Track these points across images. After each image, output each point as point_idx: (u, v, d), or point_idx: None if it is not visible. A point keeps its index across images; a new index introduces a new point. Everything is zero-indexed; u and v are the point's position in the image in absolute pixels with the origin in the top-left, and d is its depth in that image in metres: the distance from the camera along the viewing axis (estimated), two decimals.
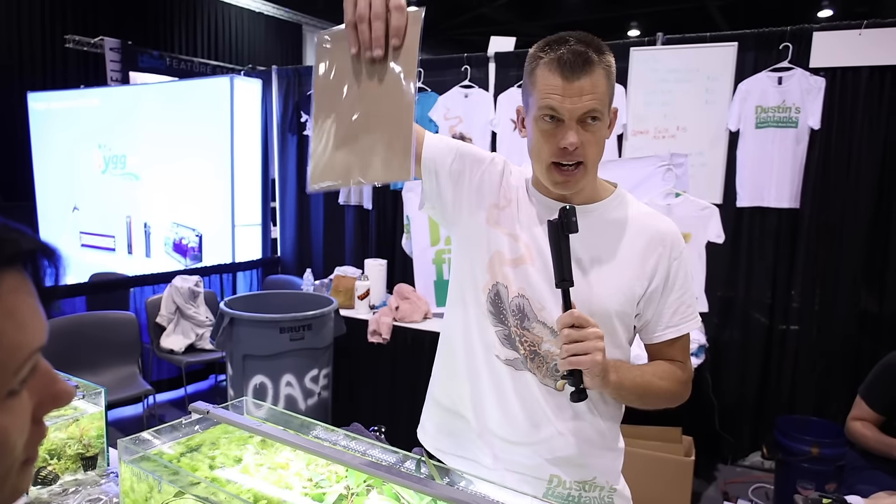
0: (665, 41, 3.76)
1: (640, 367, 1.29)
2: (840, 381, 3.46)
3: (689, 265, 1.30)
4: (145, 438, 1.26)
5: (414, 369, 3.60)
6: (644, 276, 1.26)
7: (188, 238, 5.14)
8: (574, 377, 1.14)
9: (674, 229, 1.29)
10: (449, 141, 1.33)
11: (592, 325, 1.13)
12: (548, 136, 1.17)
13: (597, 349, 1.12)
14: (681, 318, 1.29)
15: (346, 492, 1.18)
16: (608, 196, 1.30)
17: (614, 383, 1.18)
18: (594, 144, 1.18)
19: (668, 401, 1.30)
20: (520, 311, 1.26)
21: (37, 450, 0.53)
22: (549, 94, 1.14)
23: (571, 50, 1.12)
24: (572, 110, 1.14)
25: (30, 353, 0.49)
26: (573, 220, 1.12)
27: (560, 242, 1.13)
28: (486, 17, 8.84)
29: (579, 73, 1.12)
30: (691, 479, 2.86)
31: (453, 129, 4.26)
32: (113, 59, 7.18)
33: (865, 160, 3.40)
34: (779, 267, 3.63)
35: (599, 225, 1.27)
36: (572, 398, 1.14)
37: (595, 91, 1.13)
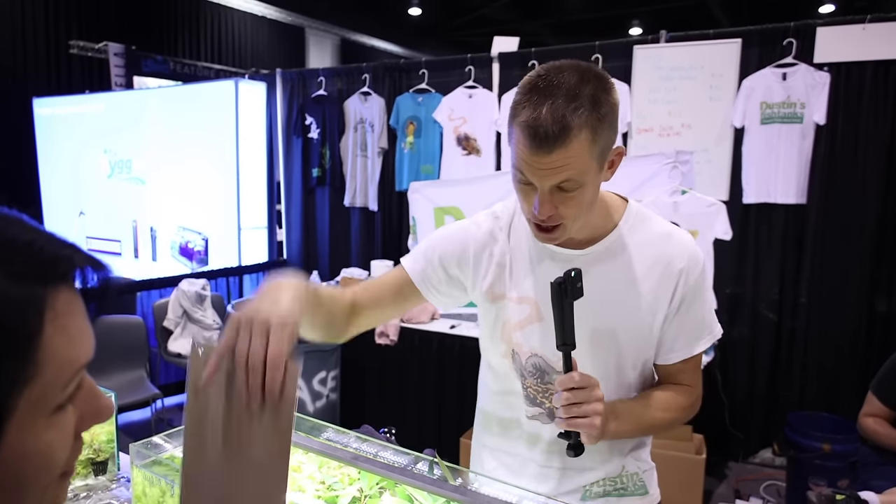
0: (669, 39, 3.75)
1: (642, 403, 1.25)
2: (850, 376, 3.44)
3: (705, 287, 1.23)
4: (157, 443, 1.27)
5: (422, 370, 3.61)
6: (661, 308, 1.21)
7: (194, 241, 5.16)
8: (571, 436, 1.13)
9: (690, 250, 1.21)
10: (428, 253, 1.30)
11: (593, 386, 1.10)
12: (524, 194, 1.11)
13: (596, 413, 1.09)
14: (686, 343, 1.24)
15: (360, 494, 1.18)
16: (617, 223, 1.22)
17: (612, 433, 1.16)
18: (574, 206, 1.09)
19: (668, 430, 1.31)
20: (537, 370, 1.24)
21: (74, 464, 0.53)
22: (520, 158, 1.07)
23: (550, 114, 1.01)
24: (542, 182, 1.06)
25: (78, 369, 0.50)
26: (579, 287, 1.06)
27: (563, 306, 1.07)
28: (487, 17, 8.84)
29: (552, 145, 1.02)
30: (703, 478, 2.86)
31: (458, 129, 4.26)
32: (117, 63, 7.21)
33: (872, 154, 3.39)
34: (787, 263, 3.62)
35: (610, 263, 1.21)
36: (569, 454, 1.12)
37: (569, 163, 1.03)
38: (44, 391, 0.47)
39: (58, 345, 0.48)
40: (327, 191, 4.96)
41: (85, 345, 0.51)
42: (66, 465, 0.52)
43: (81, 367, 0.50)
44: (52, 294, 0.48)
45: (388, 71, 4.61)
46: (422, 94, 4.42)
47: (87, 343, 0.51)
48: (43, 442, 0.48)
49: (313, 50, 9.12)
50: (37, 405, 0.47)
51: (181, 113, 5.23)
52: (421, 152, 4.42)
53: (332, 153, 4.82)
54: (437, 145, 4.38)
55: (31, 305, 0.46)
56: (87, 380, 0.53)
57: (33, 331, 0.46)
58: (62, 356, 0.48)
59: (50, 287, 0.48)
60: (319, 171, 4.89)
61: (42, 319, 0.47)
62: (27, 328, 0.46)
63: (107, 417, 0.55)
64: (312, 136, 4.87)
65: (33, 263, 0.47)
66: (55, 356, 0.47)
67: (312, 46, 9.07)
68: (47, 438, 0.48)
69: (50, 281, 0.48)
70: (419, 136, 4.41)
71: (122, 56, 7.18)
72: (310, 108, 4.87)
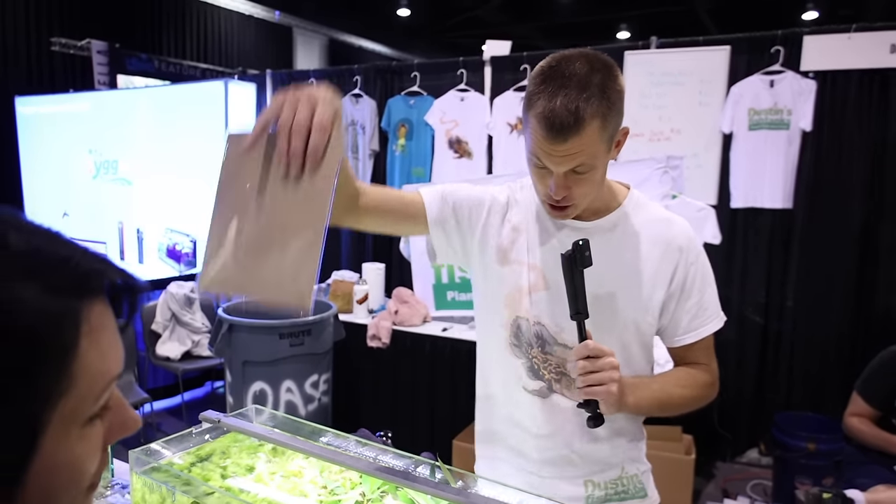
0: (659, 45, 3.80)
1: (660, 379, 1.30)
2: (835, 377, 3.51)
3: (706, 267, 1.30)
4: (155, 449, 1.26)
5: (415, 373, 3.61)
6: (662, 286, 1.27)
7: (182, 244, 5.12)
8: (590, 405, 1.16)
9: (688, 234, 1.29)
10: (445, 194, 1.33)
11: (608, 355, 1.14)
12: (538, 177, 1.19)
13: (612, 380, 1.13)
14: (700, 322, 1.29)
15: (362, 498, 1.19)
16: (621, 203, 1.30)
17: (632, 405, 1.21)
18: (585, 187, 1.17)
19: (692, 406, 1.32)
20: (539, 339, 1.28)
21: (100, 476, 0.54)
22: (537, 146, 1.14)
23: (563, 105, 1.07)
24: (558, 166, 1.13)
25: (109, 381, 0.51)
26: (587, 255, 1.12)
27: (574, 276, 1.13)
28: (478, 19, 8.85)
29: (567, 134, 1.08)
30: (692, 478, 2.90)
31: (449, 132, 4.27)
32: (100, 62, 7.11)
33: (857, 161, 3.46)
34: (773, 266, 3.69)
35: (614, 238, 1.27)
36: (589, 424, 1.16)
37: (583, 149, 1.11)
38: (77, 404, 0.48)
39: (92, 358, 0.48)
40: None
41: (116, 357, 0.51)
42: (94, 478, 0.53)
43: (113, 379, 0.51)
44: (87, 307, 0.49)
45: (379, 73, 4.60)
46: (413, 97, 4.42)
47: (118, 356, 0.52)
48: (74, 455, 0.49)
49: (301, 50, 9.06)
50: (70, 418, 0.48)
51: (169, 113, 5.17)
52: (412, 155, 4.42)
53: None
54: (429, 148, 4.38)
55: (67, 319, 0.47)
56: (116, 392, 0.54)
57: (69, 344, 0.47)
58: (95, 369, 0.49)
59: (85, 300, 0.49)
60: None
61: (78, 332, 0.48)
62: (63, 341, 0.47)
63: (134, 429, 0.56)
64: None
65: (70, 278, 0.48)
66: (89, 369, 0.48)
67: (300, 47, 9.02)
68: (78, 451, 0.49)
69: (85, 294, 0.49)
70: (410, 139, 4.41)
71: (105, 54, 7.09)
72: None
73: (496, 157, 4.18)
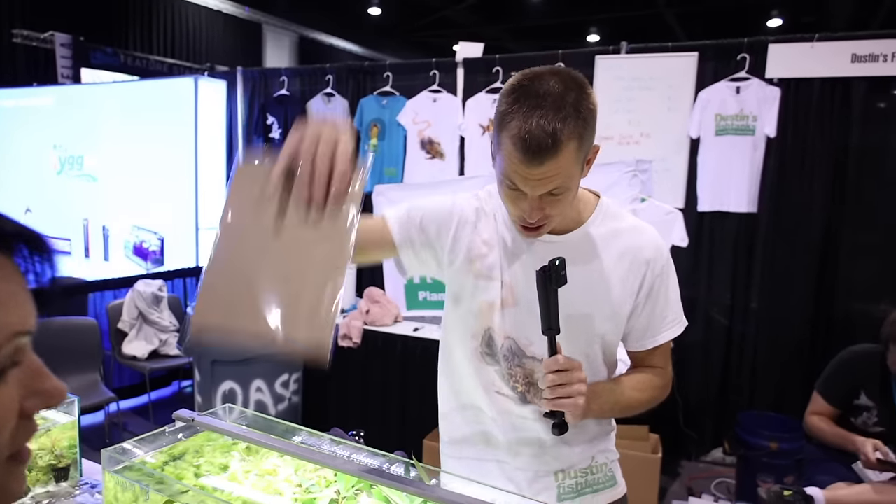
0: (629, 50, 3.86)
1: (619, 384, 1.33)
2: (797, 378, 3.58)
3: (672, 275, 1.32)
4: (127, 448, 1.25)
5: (385, 373, 3.61)
6: (629, 299, 1.28)
7: (149, 241, 5.04)
8: (556, 415, 1.18)
9: (657, 243, 1.30)
10: (410, 212, 1.30)
11: (576, 368, 1.16)
12: (511, 199, 1.16)
13: (580, 393, 1.15)
14: (662, 328, 1.31)
15: (337, 496, 1.19)
16: (591, 214, 1.29)
17: (595, 412, 1.24)
18: (559, 206, 1.15)
19: (646, 407, 1.35)
20: (510, 353, 1.29)
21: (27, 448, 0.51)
22: (511, 169, 1.10)
23: (539, 126, 1.04)
24: (534, 190, 1.11)
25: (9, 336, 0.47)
26: (563, 274, 1.12)
27: (549, 293, 1.13)
28: (449, 19, 8.86)
29: (543, 157, 1.05)
30: (658, 476, 2.95)
31: (422, 133, 4.29)
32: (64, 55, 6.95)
33: (819, 166, 3.55)
34: (738, 269, 3.76)
35: (584, 250, 1.28)
36: (554, 432, 1.18)
37: (559, 171, 1.08)
38: None
39: None
40: None
41: (18, 312, 0.48)
42: (14, 445, 0.49)
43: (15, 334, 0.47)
44: None
45: (351, 73, 4.60)
46: (386, 97, 4.43)
47: (23, 312, 0.48)
48: None
49: (270, 47, 8.98)
50: None
51: (137, 109, 5.10)
52: (384, 155, 4.42)
53: None
54: (401, 148, 4.39)
55: None
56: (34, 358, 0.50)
57: None
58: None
59: None
60: None
61: None
62: None
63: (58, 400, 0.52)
64: (274, 136, 4.82)
65: None
66: None
67: (270, 43, 8.94)
68: None
69: None
70: (383, 139, 4.41)
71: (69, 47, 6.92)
72: (272, 107, 4.82)
73: (468, 158, 4.21)
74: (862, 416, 2.48)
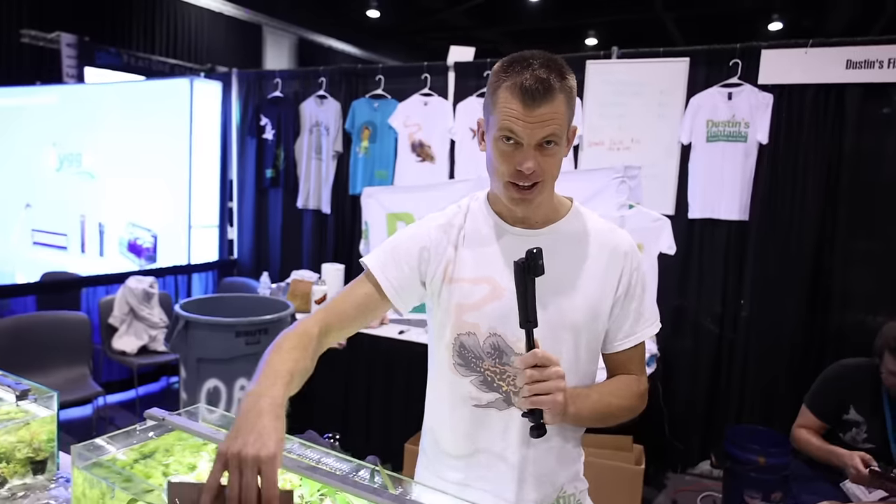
0: (620, 55, 3.84)
1: (598, 390, 1.31)
2: (786, 390, 3.52)
3: (646, 274, 1.34)
4: (99, 444, 1.25)
5: (369, 375, 3.61)
6: (609, 291, 1.29)
7: (143, 238, 5.07)
8: (534, 415, 1.16)
9: (631, 241, 1.33)
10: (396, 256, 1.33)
11: (555, 364, 1.14)
12: (506, 156, 1.18)
13: (558, 389, 1.14)
14: (639, 327, 1.32)
15: (300, 501, 1.19)
16: (566, 213, 1.33)
17: (573, 415, 1.21)
18: (551, 166, 1.20)
19: (626, 416, 1.33)
20: (496, 350, 1.27)
21: None
22: (510, 117, 1.15)
23: (534, 76, 1.13)
24: (531, 136, 1.15)
25: None
26: (540, 264, 1.12)
27: (526, 284, 1.13)
28: (445, 22, 8.87)
29: (540, 100, 1.13)
30: (641, 488, 2.89)
31: (412, 136, 4.29)
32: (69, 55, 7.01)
33: (811, 174, 3.50)
34: (729, 278, 3.72)
35: (561, 244, 1.29)
36: (532, 434, 1.15)
37: (555, 117, 1.15)
38: None
39: None
40: (280, 192, 4.93)
41: None
42: None
43: None
44: None
45: (344, 75, 4.61)
46: (378, 100, 4.43)
47: None
48: None
49: (270, 48, 9.02)
50: None
51: (135, 108, 5.14)
52: (375, 157, 4.43)
53: (287, 155, 4.80)
54: (392, 151, 4.40)
55: None
56: None
57: None
58: None
59: None
60: (273, 172, 4.86)
61: None
62: None
63: None
64: (267, 137, 4.84)
65: None
66: None
67: (269, 45, 8.98)
68: None
69: None
70: (374, 142, 4.42)
71: (74, 47, 6.99)
72: (265, 109, 4.84)
73: (458, 161, 4.21)
74: (851, 432, 2.42)
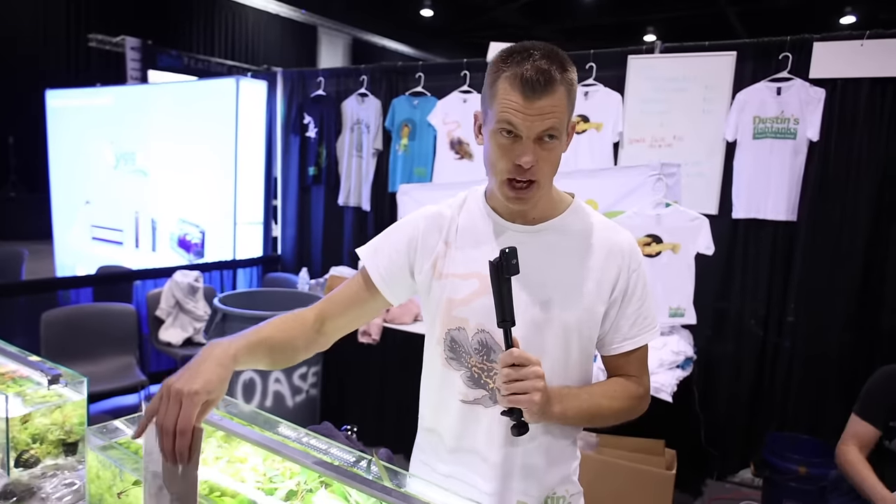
0: (664, 49, 3.74)
1: (589, 390, 1.28)
2: (834, 399, 3.38)
3: (647, 277, 1.30)
4: (115, 427, 1.29)
5: (403, 370, 3.62)
6: (605, 290, 1.26)
7: (192, 234, 5.24)
8: (513, 413, 1.15)
9: (631, 241, 1.29)
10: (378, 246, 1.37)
11: (533, 363, 1.13)
12: (504, 150, 1.16)
13: (535, 388, 1.12)
14: (638, 330, 1.28)
15: (297, 488, 1.20)
16: (565, 209, 1.30)
17: (557, 415, 1.19)
18: (549, 162, 1.17)
19: (622, 418, 1.30)
20: (483, 347, 1.26)
21: None
22: (509, 109, 1.13)
23: (535, 67, 1.11)
24: (531, 128, 1.13)
25: None
26: (514, 263, 1.11)
27: (501, 284, 1.12)
28: (497, 20, 8.84)
29: (541, 92, 1.11)
30: (671, 493, 2.81)
31: (451, 133, 4.28)
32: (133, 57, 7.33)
33: (865, 173, 3.34)
34: (774, 280, 3.58)
35: (558, 242, 1.27)
36: (513, 432, 1.15)
37: (555, 111, 1.12)
38: None
39: None
40: (322, 189, 4.99)
41: None
42: None
43: None
44: None
45: (385, 73, 4.64)
46: (417, 98, 4.45)
47: None
48: None
49: (325, 49, 9.17)
50: None
51: (184, 108, 5.32)
52: (414, 155, 4.44)
53: (329, 153, 4.86)
54: (431, 148, 4.40)
55: None
56: None
57: None
58: None
59: None
60: (315, 169, 4.93)
61: None
62: None
63: None
64: (310, 136, 4.91)
65: None
66: None
67: (324, 45, 9.13)
68: None
69: None
70: (413, 139, 4.43)
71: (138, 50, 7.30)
72: (308, 107, 4.91)
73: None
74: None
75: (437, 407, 1.35)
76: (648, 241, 3.16)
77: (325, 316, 1.35)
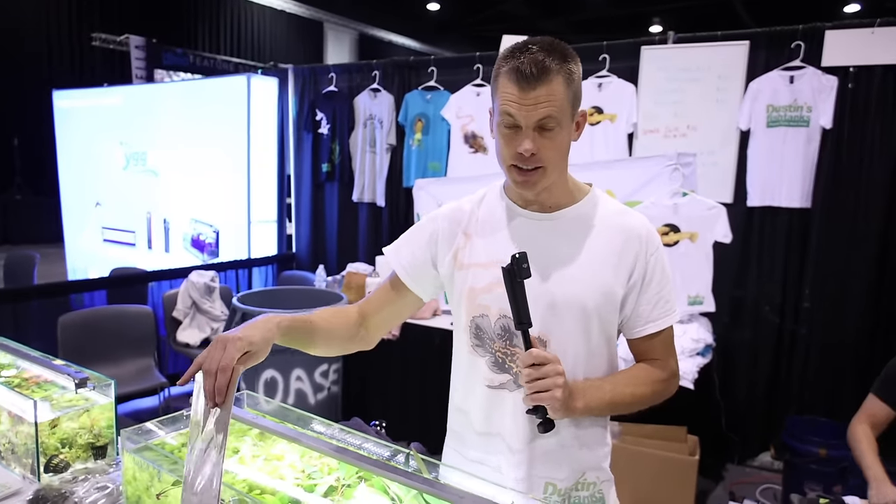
0: (676, 39, 3.74)
1: (612, 380, 1.31)
2: (851, 383, 3.41)
3: (665, 260, 1.33)
4: (149, 429, 1.31)
5: (423, 365, 3.65)
6: (623, 274, 1.28)
7: (205, 234, 5.25)
8: (539, 411, 1.19)
9: (648, 226, 1.32)
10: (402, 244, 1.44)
11: (553, 362, 1.18)
12: (507, 140, 1.22)
13: (556, 385, 1.17)
14: (660, 313, 1.31)
15: (337, 483, 1.22)
16: (582, 198, 1.33)
17: (581, 409, 1.23)
18: (552, 149, 1.21)
19: (649, 402, 1.32)
20: (506, 332, 1.30)
21: None
22: (508, 101, 1.18)
23: (530, 59, 1.16)
24: (528, 118, 1.17)
25: None
26: (525, 267, 1.16)
27: (515, 288, 1.16)
28: (506, 13, 8.81)
29: (535, 82, 1.15)
30: (695, 479, 2.85)
31: (465, 127, 4.29)
32: (138, 56, 7.31)
33: (878, 160, 3.36)
34: (790, 266, 3.61)
35: (575, 228, 1.30)
36: (539, 430, 1.20)
37: (551, 99, 1.17)
38: None
39: None
40: (336, 186, 5.00)
41: None
42: None
43: None
44: None
45: (397, 68, 4.64)
46: (430, 92, 4.45)
47: None
48: None
49: (331, 44, 9.16)
50: None
51: (195, 107, 5.32)
52: (428, 149, 4.45)
53: (342, 149, 4.86)
54: (445, 143, 4.40)
55: None
56: None
57: None
58: None
59: None
60: (329, 166, 4.94)
61: None
62: None
63: None
64: (322, 132, 4.92)
65: None
66: None
67: (330, 41, 9.11)
68: None
69: None
70: (427, 134, 4.44)
71: (143, 49, 7.28)
72: (321, 103, 4.92)
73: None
74: None
75: (465, 393, 1.39)
76: (666, 230, 3.18)
77: (366, 313, 1.43)
